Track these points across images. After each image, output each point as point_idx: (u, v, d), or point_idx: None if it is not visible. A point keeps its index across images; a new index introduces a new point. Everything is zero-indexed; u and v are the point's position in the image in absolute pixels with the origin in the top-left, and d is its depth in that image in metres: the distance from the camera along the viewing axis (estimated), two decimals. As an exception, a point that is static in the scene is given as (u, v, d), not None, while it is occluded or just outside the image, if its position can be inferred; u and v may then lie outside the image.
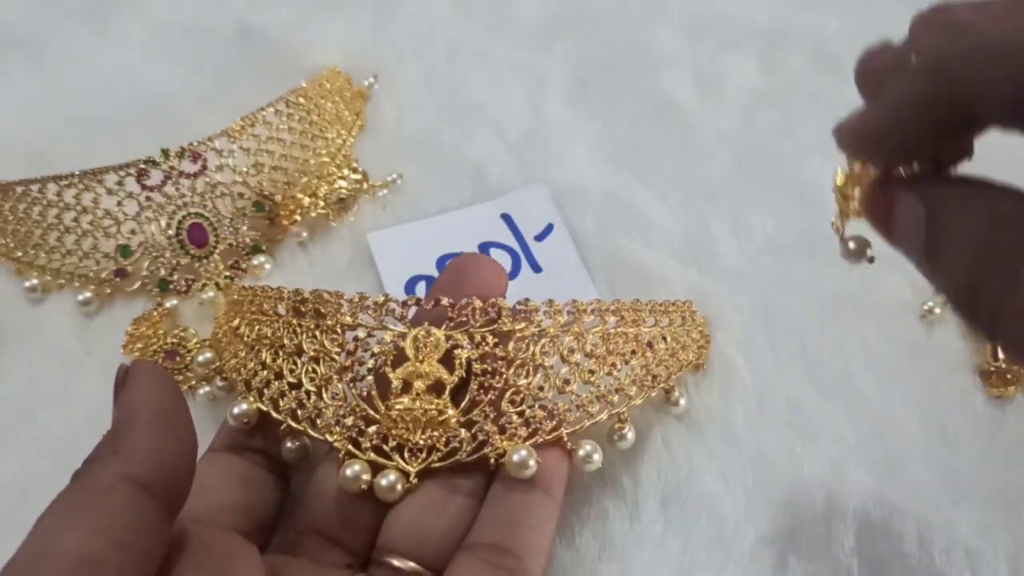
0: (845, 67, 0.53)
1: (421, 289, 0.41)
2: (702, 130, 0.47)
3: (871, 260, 0.25)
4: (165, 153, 0.39)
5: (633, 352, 0.32)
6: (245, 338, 0.33)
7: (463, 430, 0.30)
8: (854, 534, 0.33)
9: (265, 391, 0.31)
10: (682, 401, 0.35)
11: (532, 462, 0.29)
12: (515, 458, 0.29)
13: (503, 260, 0.42)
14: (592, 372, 0.31)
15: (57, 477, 0.35)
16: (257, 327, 0.32)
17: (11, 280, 0.41)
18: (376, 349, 0.30)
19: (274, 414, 0.31)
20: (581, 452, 0.31)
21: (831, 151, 0.48)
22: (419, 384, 0.30)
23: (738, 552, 0.33)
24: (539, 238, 0.43)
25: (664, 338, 0.34)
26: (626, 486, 0.34)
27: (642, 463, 0.35)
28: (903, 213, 0.23)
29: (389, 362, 0.30)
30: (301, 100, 0.44)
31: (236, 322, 0.34)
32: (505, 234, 0.43)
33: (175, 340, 0.39)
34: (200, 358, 0.37)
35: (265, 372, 0.32)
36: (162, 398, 0.25)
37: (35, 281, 0.41)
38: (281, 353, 0.31)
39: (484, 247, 0.42)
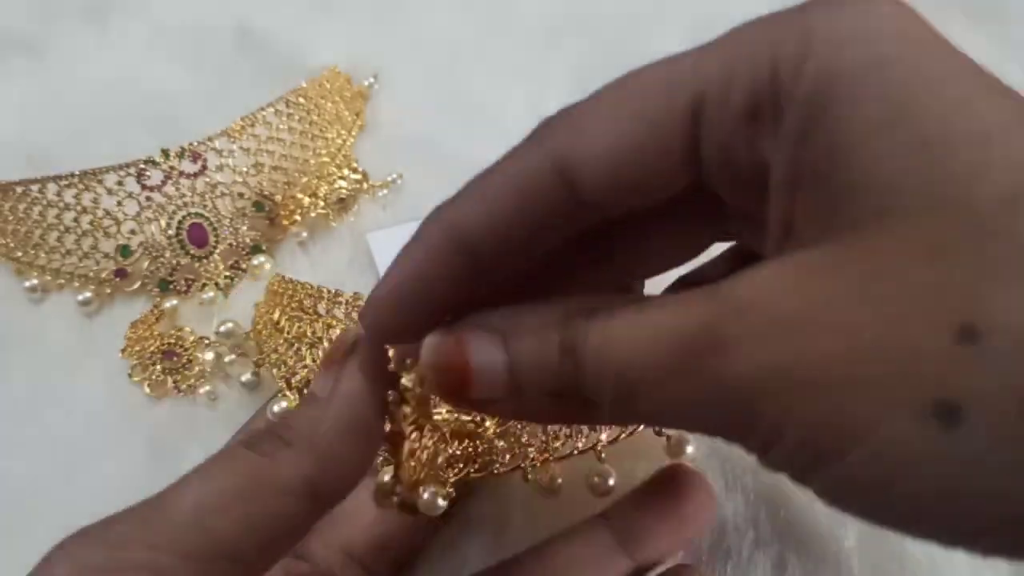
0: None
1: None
2: (702, 130, 0.47)
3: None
4: (165, 153, 0.39)
5: None
6: (286, 333, 0.33)
7: (500, 441, 0.30)
8: (854, 534, 0.33)
9: (305, 391, 0.31)
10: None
11: (559, 480, 0.30)
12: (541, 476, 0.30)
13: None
14: None
15: (57, 477, 0.35)
16: (297, 324, 0.32)
17: (11, 280, 0.41)
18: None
19: None
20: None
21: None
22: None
23: (738, 552, 0.33)
24: (539, 238, 0.43)
25: None
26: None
27: (642, 463, 0.35)
28: (479, 359, 0.20)
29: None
30: (301, 100, 0.44)
31: (276, 315, 0.34)
32: (505, 234, 0.43)
33: (172, 340, 0.39)
34: (223, 327, 0.38)
35: (306, 372, 0.31)
36: (371, 402, 0.23)
37: (35, 281, 0.41)
38: (321, 352, 0.31)
39: (484, 247, 0.42)
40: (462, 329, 0.20)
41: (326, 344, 0.31)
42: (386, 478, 0.25)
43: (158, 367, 0.38)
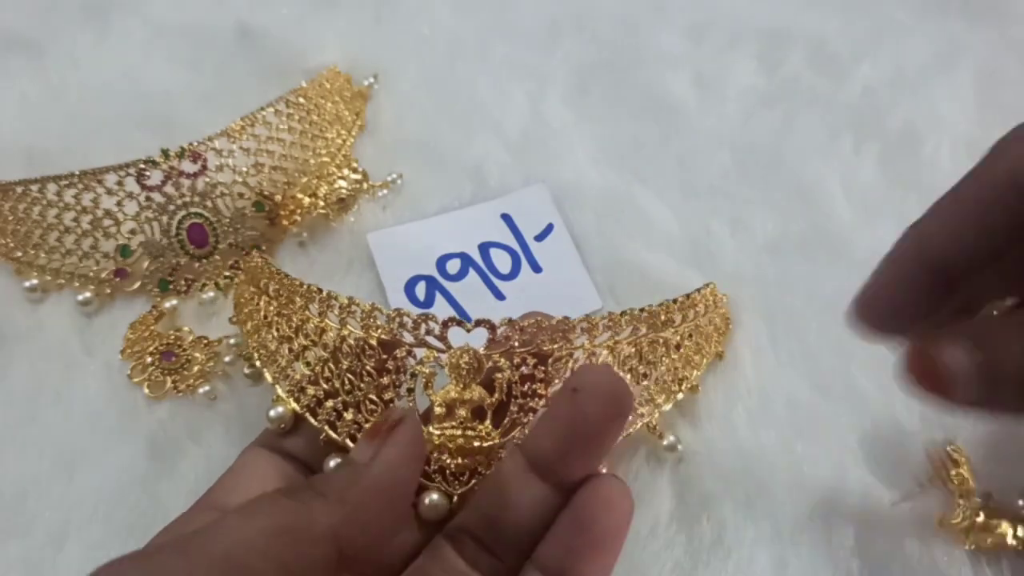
0: (845, 67, 0.53)
1: (421, 289, 0.41)
2: (702, 130, 0.47)
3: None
4: (165, 153, 0.39)
5: (662, 357, 0.32)
6: (275, 330, 0.32)
7: (503, 452, 0.30)
8: (854, 534, 0.33)
9: (302, 396, 0.31)
10: (671, 438, 0.35)
11: None
12: None
13: (503, 260, 0.42)
14: None
15: (58, 476, 0.35)
16: (287, 321, 0.31)
17: (11, 280, 0.41)
18: (414, 369, 0.29)
19: (312, 421, 0.30)
20: (665, 442, 0.34)
21: (831, 151, 0.48)
22: (462, 412, 0.29)
23: (738, 552, 0.33)
24: (539, 238, 0.43)
25: (690, 335, 0.33)
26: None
27: (642, 462, 0.35)
28: (952, 364, 0.24)
29: (432, 384, 0.29)
30: (301, 100, 0.44)
31: (260, 304, 0.33)
32: (505, 234, 0.43)
33: (171, 340, 0.39)
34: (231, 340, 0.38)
35: (299, 377, 0.31)
36: (407, 472, 0.25)
37: (35, 281, 0.41)
38: (315, 354, 0.31)
39: (484, 247, 0.42)
40: (937, 339, 0.24)
41: (319, 351, 0.30)
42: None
43: (157, 367, 0.38)
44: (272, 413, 0.31)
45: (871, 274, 0.28)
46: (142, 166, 0.39)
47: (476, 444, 0.29)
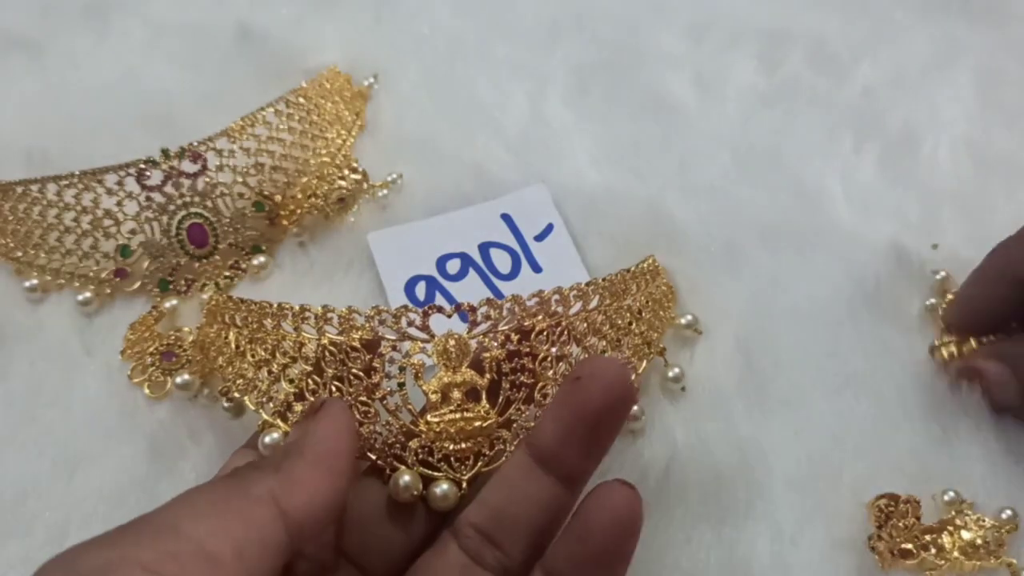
0: (845, 67, 0.53)
1: (421, 289, 0.41)
2: (702, 130, 0.47)
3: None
4: (165, 153, 0.39)
5: (630, 323, 0.33)
6: (249, 356, 0.32)
7: (504, 431, 0.30)
8: (855, 532, 0.33)
9: (290, 415, 0.31)
10: (676, 369, 0.36)
11: None
12: None
13: (503, 260, 0.42)
14: (604, 352, 0.32)
15: (57, 477, 0.35)
16: (260, 345, 0.31)
17: (11, 280, 0.41)
18: (402, 363, 0.29)
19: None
20: (671, 374, 0.36)
21: (831, 151, 0.48)
22: (457, 395, 0.29)
23: (738, 554, 0.33)
24: (539, 238, 0.43)
25: (647, 302, 0.35)
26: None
27: (642, 462, 0.35)
28: (992, 376, 0.34)
29: (421, 374, 0.29)
30: (301, 100, 0.44)
31: (230, 336, 0.33)
32: (505, 234, 0.43)
33: (171, 340, 0.39)
34: (179, 380, 0.37)
35: (284, 394, 0.31)
36: (338, 444, 0.26)
37: (35, 281, 0.41)
38: (298, 368, 0.30)
39: (484, 247, 0.42)
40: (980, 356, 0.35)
41: (302, 365, 0.30)
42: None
43: (157, 367, 0.38)
44: (267, 440, 0.30)
45: (962, 285, 0.37)
46: (142, 166, 0.39)
47: (476, 425, 0.29)
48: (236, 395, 0.33)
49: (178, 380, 0.37)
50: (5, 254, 0.41)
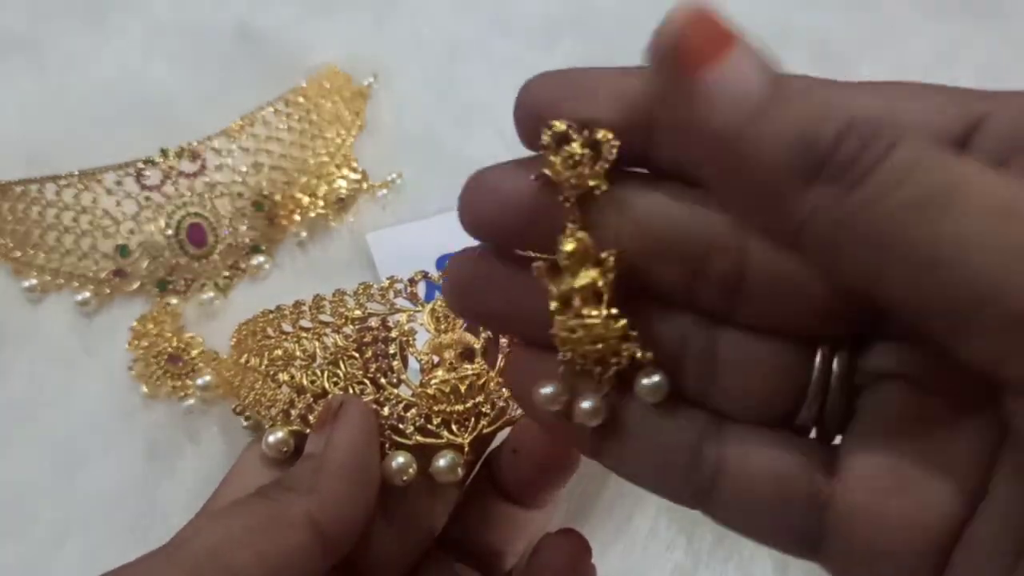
0: (846, 66, 0.53)
1: (421, 289, 0.41)
2: (702, 129, 0.47)
3: None
4: (164, 153, 0.39)
5: None
6: (258, 368, 0.31)
7: (505, 390, 0.28)
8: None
9: (292, 411, 0.31)
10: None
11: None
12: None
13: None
14: None
15: (56, 477, 0.35)
16: (267, 353, 0.31)
17: (10, 280, 0.41)
18: (395, 334, 0.29)
19: (308, 431, 0.30)
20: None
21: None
22: (449, 354, 0.28)
23: (738, 553, 0.33)
24: (539, 238, 0.42)
25: None
26: (626, 485, 0.34)
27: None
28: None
29: (412, 342, 0.29)
30: (300, 99, 0.44)
31: (244, 357, 0.33)
32: (505, 234, 0.43)
33: (181, 344, 0.38)
34: (199, 380, 0.37)
35: (287, 391, 0.30)
36: (364, 449, 0.26)
37: (34, 281, 0.41)
38: (297, 364, 0.30)
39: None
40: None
41: (299, 354, 0.30)
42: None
43: (160, 367, 0.38)
44: (271, 439, 0.29)
45: None
46: (141, 166, 0.39)
47: (471, 382, 0.28)
48: (252, 413, 0.32)
49: (199, 381, 0.37)
50: (4, 254, 0.41)
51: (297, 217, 0.42)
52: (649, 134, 0.18)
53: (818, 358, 0.18)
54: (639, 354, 0.20)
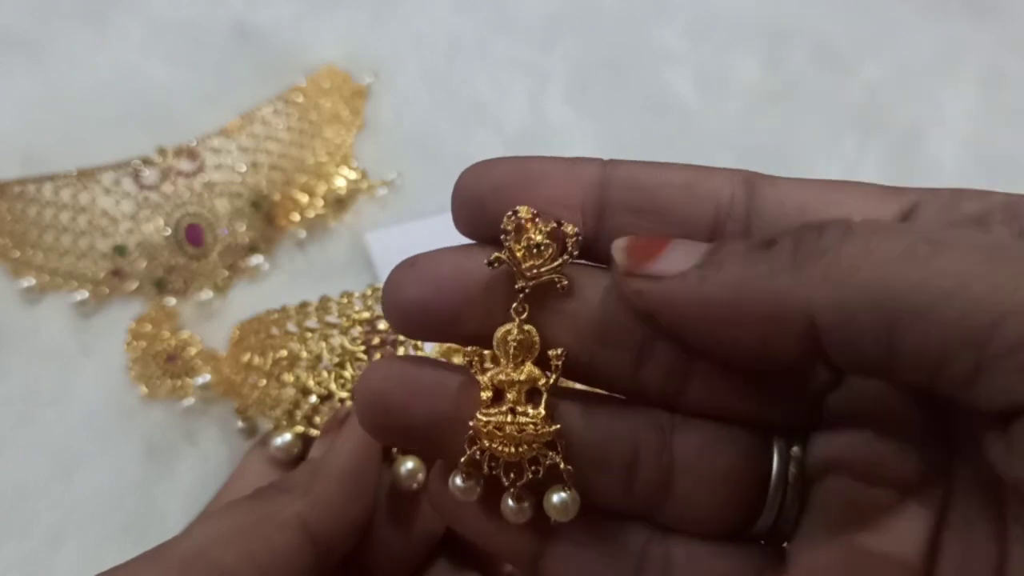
0: (846, 66, 0.52)
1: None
2: (703, 129, 0.47)
3: None
4: (162, 152, 0.39)
5: None
6: (262, 368, 0.31)
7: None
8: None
9: (297, 412, 0.30)
10: None
11: None
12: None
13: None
14: None
15: (55, 477, 0.35)
16: (271, 352, 0.31)
17: (8, 280, 0.41)
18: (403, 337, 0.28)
19: (313, 432, 0.30)
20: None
21: (833, 150, 0.48)
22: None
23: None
24: (539, 237, 0.42)
25: None
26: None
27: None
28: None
29: (421, 345, 0.28)
30: (299, 99, 0.43)
31: (246, 357, 0.32)
32: (504, 233, 0.42)
33: (179, 344, 0.38)
34: (199, 379, 0.37)
35: (292, 392, 0.30)
36: (363, 462, 0.26)
37: (32, 281, 0.41)
38: (302, 365, 0.30)
39: (483, 247, 0.42)
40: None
41: (304, 355, 0.30)
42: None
43: (158, 367, 0.38)
44: (278, 442, 0.30)
45: None
46: (139, 165, 0.38)
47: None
48: (254, 413, 0.32)
49: (198, 381, 0.37)
50: (2, 254, 0.41)
51: (296, 217, 0.42)
52: (599, 223, 0.21)
53: (775, 452, 0.19)
54: (561, 466, 0.19)
